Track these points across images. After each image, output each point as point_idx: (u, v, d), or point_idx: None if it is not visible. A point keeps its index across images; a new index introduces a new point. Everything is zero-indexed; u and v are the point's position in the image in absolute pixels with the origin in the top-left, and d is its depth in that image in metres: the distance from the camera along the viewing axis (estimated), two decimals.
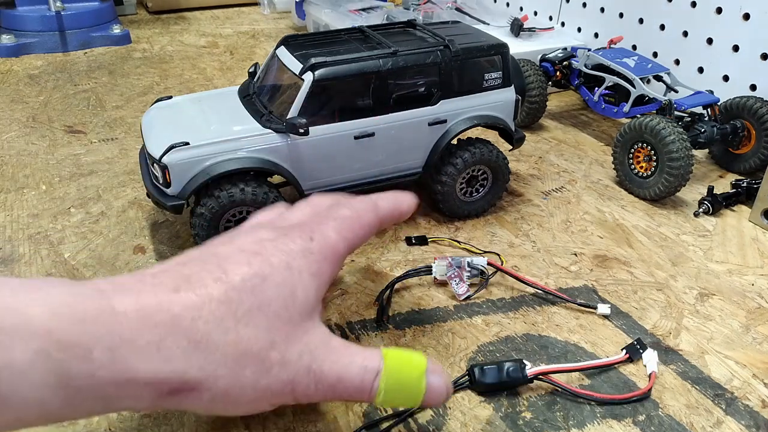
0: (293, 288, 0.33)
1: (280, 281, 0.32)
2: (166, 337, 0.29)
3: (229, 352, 0.30)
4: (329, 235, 0.36)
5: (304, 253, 0.34)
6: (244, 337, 0.30)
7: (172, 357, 0.29)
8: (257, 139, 0.55)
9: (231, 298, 0.31)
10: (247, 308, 0.31)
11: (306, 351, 0.32)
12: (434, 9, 1.18)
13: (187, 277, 0.31)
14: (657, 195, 0.70)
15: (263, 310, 0.31)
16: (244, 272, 0.32)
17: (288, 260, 0.33)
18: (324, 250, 0.35)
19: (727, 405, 0.45)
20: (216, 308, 0.30)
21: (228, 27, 1.41)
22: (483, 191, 0.67)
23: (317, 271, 0.34)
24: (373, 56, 0.58)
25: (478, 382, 0.45)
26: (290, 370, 0.31)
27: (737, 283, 0.58)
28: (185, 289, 0.31)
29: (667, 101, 0.75)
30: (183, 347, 0.29)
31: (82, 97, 0.99)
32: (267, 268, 0.32)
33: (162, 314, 0.29)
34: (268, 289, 0.32)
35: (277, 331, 0.31)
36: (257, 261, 0.33)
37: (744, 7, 0.81)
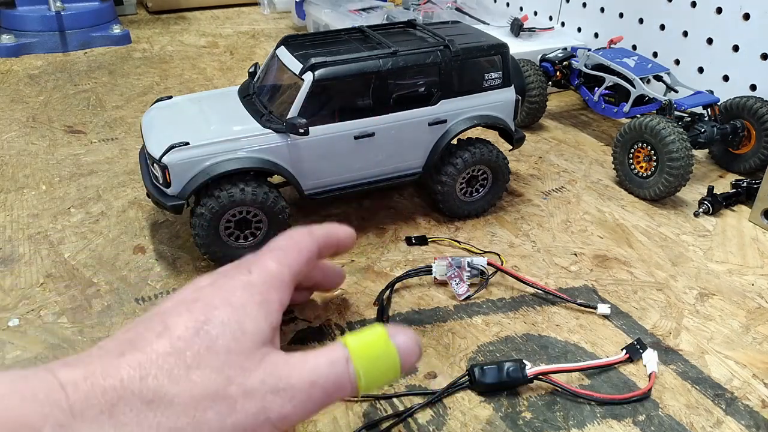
0: (240, 322, 0.32)
1: (225, 319, 0.32)
2: (117, 402, 0.28)
3: (186, 401, 0.29)
4: (268, 265, 0.36)
5: (244, 286, 0.34)
6: (198, 381, 0.30)
7: (127, 422, 0.28)
8: (257, 139, 0.55)
9: (177, 348, 0.30)
10: (195, 352, 0.30)
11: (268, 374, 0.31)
12: (434, 9, 1.18)
13: (131, 340, 0.31)
14: (657, 195, 0.70)
15: (212, 349, 0.31)
16: (185, 320, 0.31)
17: (228, 297, 0.33)
18: (266, 279, 0.35)
19: (727, 405, 0.45)
20: (163, 361, 0.30)
21: (228, 27, 1.41)
22: (483, 191, 0.67)
23: (262, 300, 0.34)
24: (373, 56, 0.58)
25: (478, 382, 0.45)
26: (257, 399, 0.30)
27: (737, 283, 0.58)
28: (130, 351, 0.30)
29: (667, 101, 0.75)
30: (136, 409, 0.28)
31: (82, 97, 0.99)
32: (209, 309, 0.32)
33: (110, 380, 0.28)
34: (213, 328, 0.31)
35: (232, 366, 0.31)
36: (197, 306, 0.32)
37: (744, 7, 0.81)
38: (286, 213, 0.58)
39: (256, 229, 0.58)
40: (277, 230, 0.58)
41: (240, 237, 0.58)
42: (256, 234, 0.58)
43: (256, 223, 0.57)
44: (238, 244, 0.58)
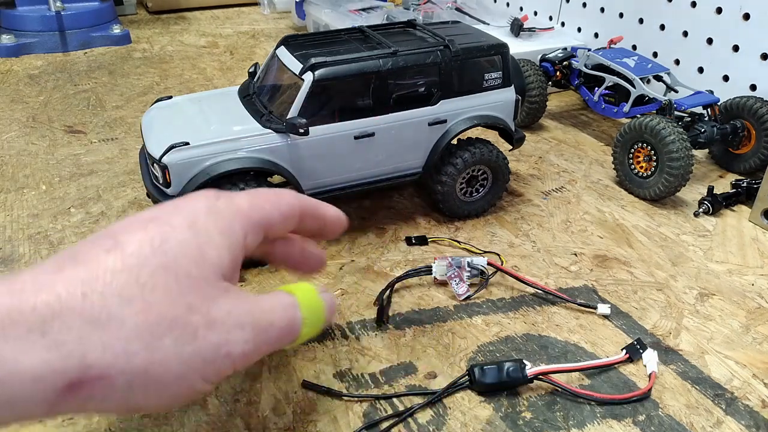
0: (201, 246, 0.29)
1: (184, 240, 0.28)
2: (51, 320, 0.24)
3: (139, 323, 0.25)
4: (238, 200, 0.33)
5: (208, 210, 0.30)
6: (154, 303, 0.26)
7: (64, 341, 0.24)
8: (257, 139, 0.55)
9: (128, 265, 0.26)
10: (151, 271, 0.26)
11: (233, 306, 0.29)
12: (434, 9, 1.18)
13: (72, 255, 0.27)
14: (657, 195, 0.70)
15: (170, 270, 0.27)
16: (140, 237, 0.28)
17: (190, 219, 0.29)
18: (233, 210, 0.32)
19: (727, 405, 0.45)
20: (112, 278, 0.26)
21: (228, 27, 1.41)
22: (483, 191, 0.67)
23: (226, 228, 0.30)
24: (373, 56, 0.58)
25: (478, 382, 0.45)
26: (221, 331, 0.28)
27: (737, 283, 0.58)
28: (71, 266, 0.26)
29: (667, 101, 0.75)
30: (76, 328, 0.24)
31: (82, 97, 0.99)
32: (167, 228, 0.28)
33: (42, 295, 0.24)
34: (171, 248, 0.28)
35: (192, 292, 0.27)
36: (153, 225, 0.28)
37: (744, 7, 0.81)
38: None
39: None
40: None
41: None
42: None
43: None
44: None
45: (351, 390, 0.45)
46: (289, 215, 0.36)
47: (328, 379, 0.46)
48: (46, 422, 0.42)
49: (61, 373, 0.24)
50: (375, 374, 0.47)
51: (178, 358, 0.26)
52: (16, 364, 0.23)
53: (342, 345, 0.50)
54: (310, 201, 0.38)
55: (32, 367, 0.23)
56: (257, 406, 0.44)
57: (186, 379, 0.27)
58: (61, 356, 0.24)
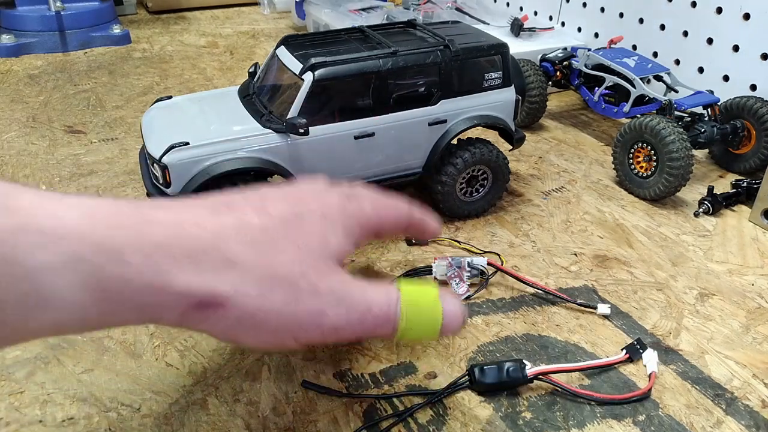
0: (326, 234, 0.34)
1: (317, 223, 0.34)
2: (201, 250, 0.29)
3: (262, 274, 0.30)
4: (364, 206, 0.38)
5: (340, 208, 0.36)
6: (278, 262, 0.31)
7: (206, 270, 0.29)
8: (257, 139, 0.55)
9: (268, 227, 0.32)
10: (284, 236, 0.32)
11: (337, 283, 0.33)
12: (434, 9, 1.18)
13: (227, 204, 0.32)
14: (657, 195, 0.70)
15: (298, 244, 0.32)
16: (283, 208, 0.33)
17: (325, 210, 0.35)
18: (357, 215, 0.37)
19: (727, 405, 0.45)
20: (253, 233, 0.31)
21: (228, 27, 1.41)
22: (483, 191, 0.67)
23: (349, 228, 0.36)
24: (373, 56, 0.58)
25: (478, 382, 0.45)
26: (321, 300, 0.32)
27: (737, 283, 0.58)
28: (225, 213, 0.31)
29: (667, 101, 0.75)
30: (217, 262, 0.29)
31: (82, 97, 0.99)
32: (305, 210, 0.34)
33: (198, 229, 0.30)
34: (305, 227, 0.33)
35: (310, 263, 0.32)
36: (297, 203, 0.34)
37: (744, 7, 0.81)
38: None
39: None
40: None
41: None
42: None
43: None
44: None
45: (351, 390, 0.45)
46: (400, 225, 0.42)
47: (328, 379, 0.46)
48: (46, 422, 0.42)
49: (197, 294, 0.29)
50: (375, 374, 0.47)
51: (279, 312, 0.31)
52: (171, 279, 0.28)
53: (342, 345, 0.50)
54: (419, 214, 0.43)
55: (179, 284, 0.28)
56: (257, 406, 0.44)
57: (280, 334, 0.32)
58: (202, 282, 0.29)
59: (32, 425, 0.42)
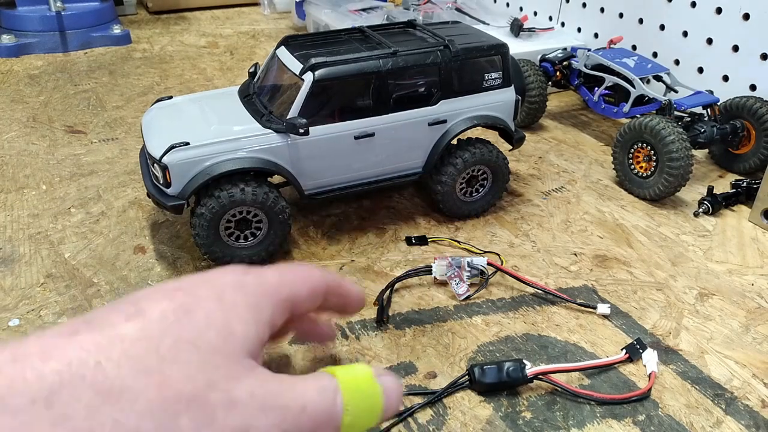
0: (228, 319, 0.27)
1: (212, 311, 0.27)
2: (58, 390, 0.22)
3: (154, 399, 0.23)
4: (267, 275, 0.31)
5: (236, 285, 0.29)
6: (173, 378, 0.24)
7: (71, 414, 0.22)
8: (257, 139, 0.55)
9: (149, 334, 0.24)
10: (173, 341, 0.25)
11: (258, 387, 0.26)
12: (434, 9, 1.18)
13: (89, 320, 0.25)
14: (657, 195, 0.70)
15: (194, 343, 0.25)
16: (164, 306, 0.26)
17: (218, 292, 0.28)
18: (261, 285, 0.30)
19: (727, 405, 0.45)
20: (130, 347, 0.24)
21: (228, 27, 1.41)
22: (483, 191, 0.67)
23: (254, 304, 0.29)
24: (373, 56, 0.58)
25: (478, 381, 0.45)
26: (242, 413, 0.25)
27: (737, 283, 0.58)
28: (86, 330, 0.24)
29: (666, 101, 0.75)
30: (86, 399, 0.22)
31: (82, 97, 0.99)
32: (193, 299, 0.27)
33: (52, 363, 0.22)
34: (198, 319, 0.26)
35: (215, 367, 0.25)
36: (180, 294, 0.27)
37: (744, 7, 0.81)
38: (286, 213, 0.58)
39: (256, 229, 0.58)
40: (277, 230, 0.58)
41: (240, 237, 0.58)
42: (256, 234, 0.58)
43: (257, 223, 0.58)
44: (238, 244, 0.58)
45: None
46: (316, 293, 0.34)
47: None
48: None
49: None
50: None
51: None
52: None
53: (342, 345, 0.50)
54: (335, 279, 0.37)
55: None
56: None
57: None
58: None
59: None
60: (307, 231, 0.65)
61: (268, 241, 0.58)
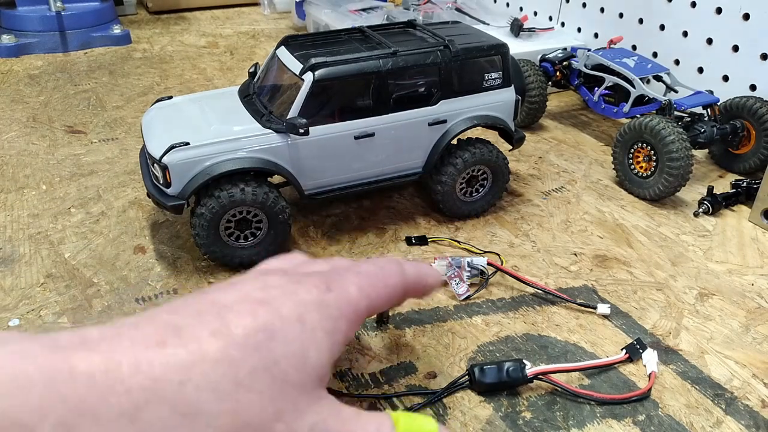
0: (305, 347, 0.28)
1: (291, 337, 0.27)
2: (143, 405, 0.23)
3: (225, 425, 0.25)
4: (349, 290, 0.32)
5: (319, 305, 0.29)
6: (245, 406, 0.25)
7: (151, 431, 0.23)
8: (257, 139, 0.55)
9: (231, 357, 0.25)
10: (251, 369, 0.26)
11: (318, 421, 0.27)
12: (434, 9, 1.18)
13: (176, 328, 0.26)
14: (657, 195, 0.70)
15: (270, 371, 0.26)
16: (247, 324, 0.27)
17: (300, 312, 0.29)
18: (342, 306, 0.31)
19: (727, 405, 0.45)
20: (211, 369, 0.25)
21: (228, 27, 1.41)
22: (483, 191, 0.67)
23: (333, 328, 0.30)
24: (373, 56, 0.58)
25: (478, 381, 0.45)
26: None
27: (737, 283, 0.58)
28: (173, 343, 0.25)
29: (666, 101, 0.75)
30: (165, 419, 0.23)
31: (82, 97, 0.99)
32: (276, 320, 0.27)
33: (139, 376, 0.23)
34: (277, 346, 0.27)
35: (285, 398, 0.26)
36: (264, 311, 0.28)
37: (744, 7, 0.81)
38: (286, 213, 0.58)
39: (256, 229, 0.58)
40: (277, 230, 0.58)
41: (240, 237, 0.58)
42: (256, 234, 0.58)
43: (257, 223, 0.58)
44: (239, 244, 0.58)
45: (351, 390, 0.45)
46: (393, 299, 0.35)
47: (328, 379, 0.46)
48: None
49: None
50: (375, 374, 0.47)
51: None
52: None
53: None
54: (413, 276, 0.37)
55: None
56: None
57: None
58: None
59: None
60: (307, 231, 0.65)
61: (268, 241, 0.58)
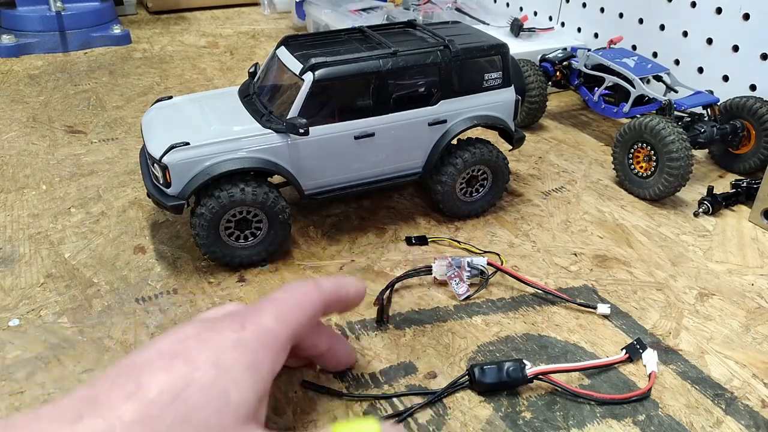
0: (224, 389, 0.28)
1: (208, 383, 0.27)
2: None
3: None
4: (264, 322, 0.32)
5: (234, 344, 0.30)
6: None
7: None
8: (257, 139, 0.55)
9: (148, 415, 0.26)
10: (169, 423, 0.26)
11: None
12: (434, 9, 1.18)
13: (92, 399, 0.26)
14: (657, 195, 0.70)
15: (189, 421, 0.26)
16: (161, 381, 0.27)
17: (215, 356, 0.29)
18: (259, 338, 0.31)
19: (727, 405, 0.45)
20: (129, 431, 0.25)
21: (228, 27, 1.41)
22: (483, 191, 0.67)
23: (253, 362, 0.30)
24: (373, 56, 0.58)
25: (478, 381, 0.45)
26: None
27: (737, 283, 0.58)
28: (89, 414, 0.25)
29: (666, 101, 0.75)
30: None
31: (82, 97, 0.99)
32: (189, 370, 0.28)
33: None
34: (193, 395, 0.27)
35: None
36: (178, 364, 0.28)
37: (744, 7, 0.81)
38: (286, 213, 0.58)
39: (256, 229, 0.58)
40: (277, 230, 0.58)
41: (240, 237, 0.58)
42: (256, 234, 0.58)
43: (256, 223, 0.58)
44: (238, 244, 0.58)
45: (351, 390, 0.45)
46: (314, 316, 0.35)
47: (328, 379, 0.46)
48: None
49: None
50: (375, 374, 0.47)
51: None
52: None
53: None
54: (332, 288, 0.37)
55: None
56: None
57: None
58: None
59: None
60: (307, 231, 0.65)
61: (268, 241, 0.58)
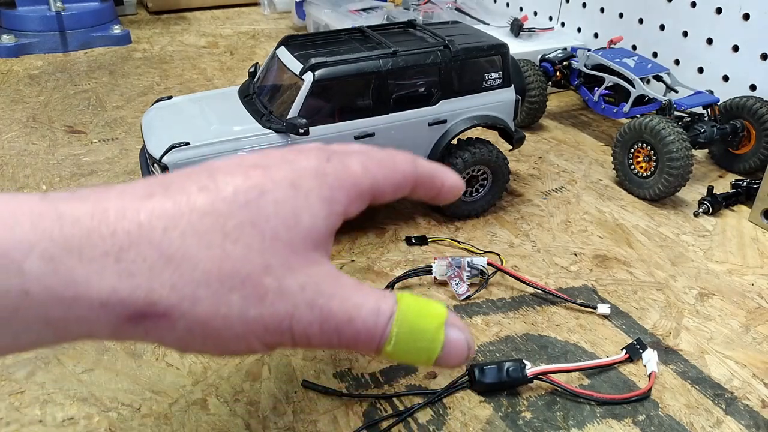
0: (297, 210, 0.27)
1: (282, 198, 0.26)
2: (127, 247, 0.23)
3: (212, 270, 0.24)
4: (351, 164, 0.30)
5: (315, 172, 0.28)
6: (232, 255, 0.25)
7: (135, 271, 0.23)
8: (257, 139, 0.55)
9: (218, 210, 0.25)
10: (238, 222, 0.25)
11: (310, 283, 0.26)
12: (434, 9, 1.18)
13: (165, 184, 0.26)
14: (657, 195, 0.70)
15: (258, 227, 0.26)
16: (237, 183, 0.26)
17: (294, 177, 0.27)
18: (341, 177, 0.29)
19: (727, 405, 0.45)
20: (198, 220, 0.25)
21: (228, 27, 1.41)
22: (483, 191, 0.67)
23: (329, 197, 0.28)
24: (373, 56, 0.58)
25: (478, 382, 0.45)
26: (289, 302, 0.26)
27: (737, 283, 0.58)
28: (160, 195, 0.25)
29: (666, 101, 0.75)
30: (150, 261, 0.24)
31: (82, 97, 0.99)
32: (267, 182, 0.27)
33: (124, 221, 0.24)
34: (266, 204, 0.26)
35: (275, 253, 0.26)
36: (256, 174, 0.27)
37: (744, 7, 0.81)
38: None
39: None
40: None
41: None
42: None
43: None
44: None
45: (351, 390, 0.45)
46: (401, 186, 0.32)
47: (328, 379, 0.46)
48: (46, 422, 0.42)
49: (126, 303, 0.23)
50: (375, 374, 0.47)
51: (241, 317, 0.25)
52: (87, 286, 0.23)
53: None
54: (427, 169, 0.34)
55: (100, 292, 0.23)
56: (257, 406, 0.44)
57: (244, 340, 0.26)
58: (130, 287, 0.23)
59: (32, 425, 0.42)
60: None
61: None
